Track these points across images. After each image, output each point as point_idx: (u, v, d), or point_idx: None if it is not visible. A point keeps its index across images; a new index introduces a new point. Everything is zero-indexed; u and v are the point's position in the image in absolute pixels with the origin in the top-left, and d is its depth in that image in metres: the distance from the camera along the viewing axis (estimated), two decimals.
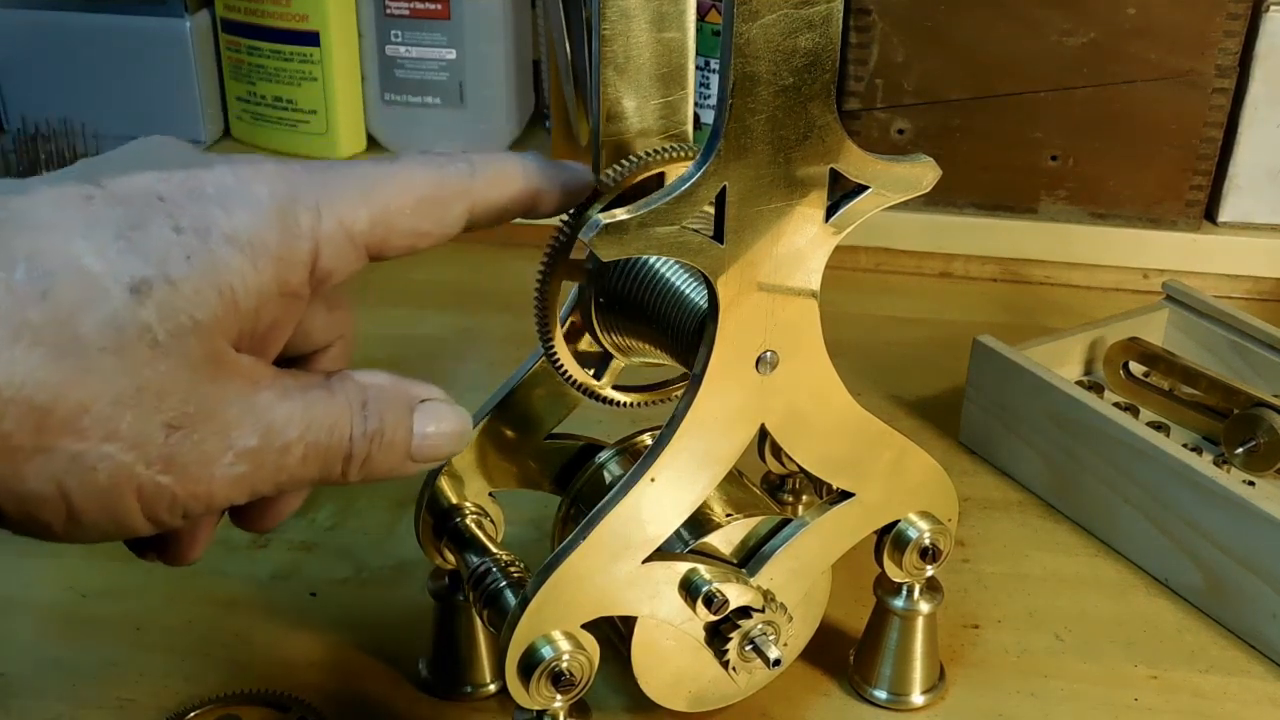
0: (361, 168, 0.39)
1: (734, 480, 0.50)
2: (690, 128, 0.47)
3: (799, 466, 0.47)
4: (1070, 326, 0.74)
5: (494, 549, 0.49)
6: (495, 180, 0.42)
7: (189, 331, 0.35)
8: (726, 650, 0.46)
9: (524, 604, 0.43)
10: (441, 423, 0.40)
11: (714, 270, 0.41)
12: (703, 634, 0.47)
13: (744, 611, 0.46)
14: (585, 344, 0.49)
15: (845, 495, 0.48)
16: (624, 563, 0.44)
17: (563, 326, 0.48)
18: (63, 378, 0.33)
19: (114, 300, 0.33)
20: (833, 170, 0.41)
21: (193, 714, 0.50)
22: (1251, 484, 0.64)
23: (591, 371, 0.49)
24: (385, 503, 0.64)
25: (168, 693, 0.52)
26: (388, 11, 0.93)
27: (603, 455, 0.52)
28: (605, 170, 0.45)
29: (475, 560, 0.49)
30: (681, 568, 0.46)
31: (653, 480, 0.43)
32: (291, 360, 0.41)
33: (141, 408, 0.34)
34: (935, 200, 0.89)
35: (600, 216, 0.38)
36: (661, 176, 0.45)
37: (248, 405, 0.36)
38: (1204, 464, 0.58)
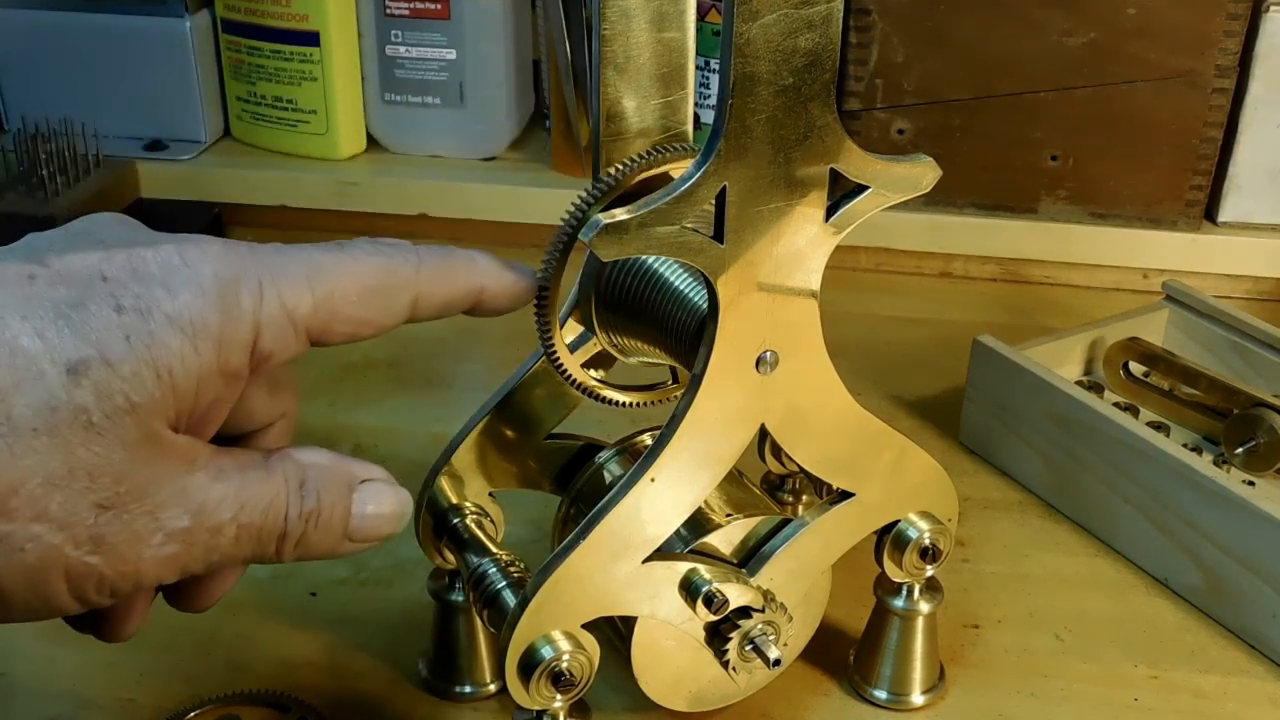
0: (309, 252, 0.39)
1: (734, 480, 0.50)
2: (690, 128, 0.47)
3: (799, 466, 0.47)
4: (1070, 326, 0.74)
5: (494, 549, 0.49)
6: (441, 275, 0.42)
7: (125, 413, 0.35)
8: (726, 650, 0.46)
9: (524, 604, 0.43)
10: (381, 504, 0.41)
11: (714, 270, 0.41)
12: (703, 634, 0.47)
13: (744, 611, 0.46)
14: (578, 340, 0.49)
15: (845, 495, 0.48)
16: (624, 563, 0.44)
17: (563, 326, 0.48)
18: None
19: (50, 381, 0.34)
20: (833, 170, 0.41)
21: (193, 714, 0.50)
22: (1251, 484, 0.65)
23: (591, 371, 0.49)
24: None
25: (168, 693, 0.52)
26: (388, 11, 0.93)
27: (603, 455, 0.52)
28: (605, 170, 0.45)
29: (475, 560, 0.49)
30: (681, 568, 0.46)
31: (653, 480, 0.43)
32: (235, 438, 0.41)
33: (72, 488, 0.34)
34: (935, 200, 0.89)
35: (600, 216, 0.38)
36: (662, 176, 0.45)
37: (180, 486, 0.36)
38: (1204, 464, 0.58)
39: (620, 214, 0.39)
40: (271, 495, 0.38)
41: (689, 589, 0.46)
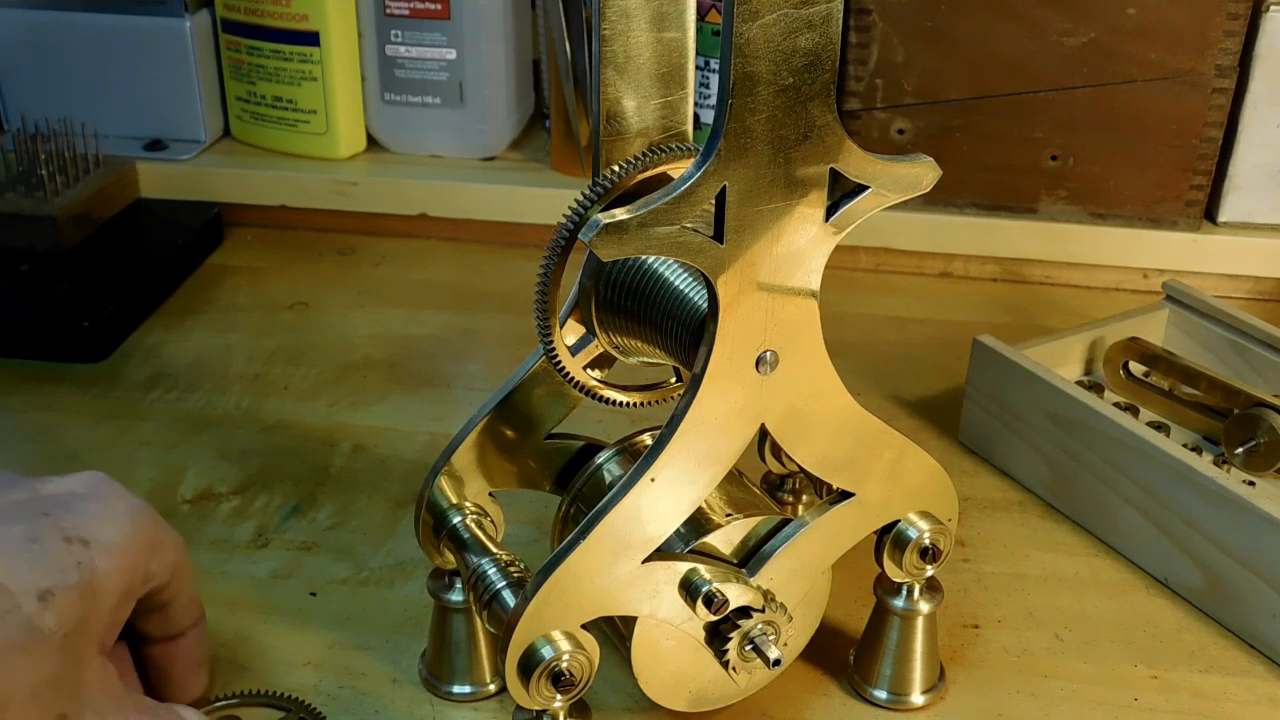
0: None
1: (734, 480, 0.50)
2: (690, 128, 0.47)
3: (799, 466, 0.47)
4: (1070, 326, 0.74)
5: (494, 549, 0.49)
6: None
7: (78, 632, 0.41)
8: (726, 650, 0.46)
9: (524, 604, 0.43)
10: None
11: (714, 270, 0.41)
12: (703, 634, 0.47)
13: (744, 611, 0.46)
14: (579, 341, 0.49)
15: (845, 495, 0.48)
16: (624, 563, 0.44)
17: (562, 326, 0.48)
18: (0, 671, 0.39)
19: (26, 609, 0.40)
20: (833, 170, 0.41)
21: None
22: (1251, 484, 0.65)
23: (592, 371, 0.49)
24: (385, 503, 0.64)
25: None
26: (388, 11, 0.93)
27: (603, 455, 0.52)
28: (605, 170, 0.45)
29: (475, 560, 0.49)
30: (681, 568, 0.46)
31: (653, 480, 0.43)
32: (159, 640, 0.49)
33: (42, 700, 0.40)
34: (935, 200, 0.89)
35: (600, 216, 0.38)
36: (661, 176, 0.45)
37: (100, 712, 0.42)
38: (1204, 464, 0.58)
39: (620, 214, 0.39)
40: None
41: (689, 589, 0.46)
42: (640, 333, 0.47)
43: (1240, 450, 0.66)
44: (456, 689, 0.52)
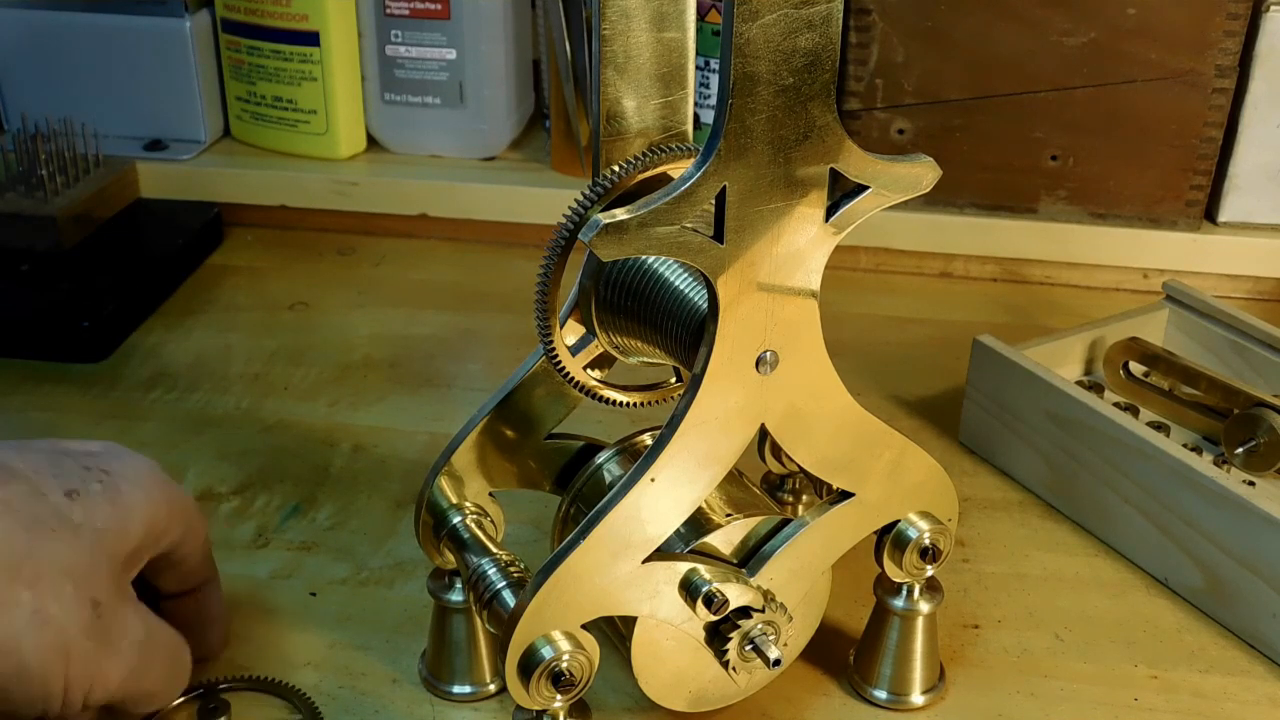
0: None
1: (734, 480, 0.50)
2: (690, 128, 0.47)
3: (799, 466, 0.47)
4: (1070, 326, 0.74)
5: (494, 549, 0.49)
6: None
7: (103, 534, 0.44)
8: (726, 650, 0.46)
9: (524, 604, 0.43)
10: None
11: (714, 270, 0.41)
12: (703, 634, 0.47)
13: (744, 611, 0.46)
14: (579, 341, 0.49)
15: (845, 495, 0.48)
16: (624, 563, 0.44)
17: (562, 326, 0.48)
18: (28, 542, 0.41)
19: (54, 498, 0.43)
20: (833, 170, 0.41)
21: (180, 700, 0.50)
22: (1251, 484, 0.64)
23: (592, 371, 0.49)
24: (385, 503, 0.64)
25: None
26: (388, 11, 0.93)
27: (603, 455, 0.52)
28: (605, 170, 0.45)
29: (475, 560, 0.49)
30: (681, 568, 0.46)
31: (653, 480, 0.43)
32: (174, 595, 0.51)
33: (75, 581, 0.42)
34: (935, 200, 0.89)
35: (600, 216, 0.38)
36: (661, 176, 0.45)
37: (136, 614, 0.45)
38: (1204, 464, 0.58)
39: (620, 214, 0.39)
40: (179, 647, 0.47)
41: (689, 589, 0.46)
42: (640, 333, 0.47)
43: (1240, 450, 0.66)
44: (456, 689, 0.52)
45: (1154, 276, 0.88)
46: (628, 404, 0.50)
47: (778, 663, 0.46)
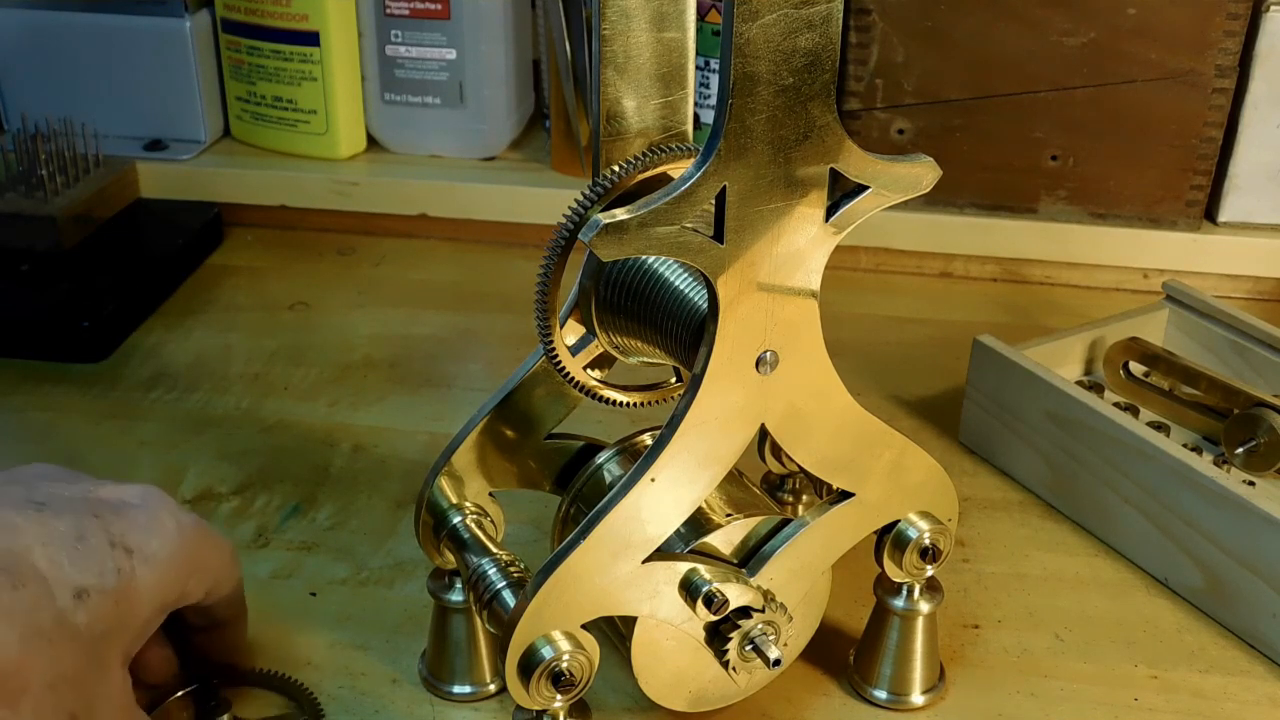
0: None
1: (734, 480, 0.50)
2: (690, 128, 0.47)
3: (799, 466, 0.47)
4: (1070, 326, 0.74)
5: (494, 549, 0.49)
6: None
7: (106, 636, 0.42)
8: (726, 650, 0.46)
9: (524, 604, 0.43)
10: None
11: (714, 270, 0.41)
12: (703, 634, 0.47)
13: (744, 611, 0.46)
14: (579, 341, 0.49)
15: (845, 495, 0.48)
16: (624, 563, 0.44)
17: (562, 327, 0.48)
18: (20, 655, 0.39)
19: (60, 602, 0.40)
20: (833, 170, 0.41)
21: (180, 694, 0.51)
22: (1251, 484, 0.64)
23: (592, 371, 0.49)
24: (385, 503, 0.64)
25: None
26: (388, 11, 0.93)
27: (603, 455, 0.52)
28: (605, 170, 0.45)
29: (475, 560, 0.49)
30: (681, 568, 0.46)
31: (653, 480, 0.43)
32: (196, 628, 0.50)
33: (58, 694, 0.40)
34: (935, 200, 0.89)
35: (600, 216, 0.38)
36: (661, 176, 0.45)
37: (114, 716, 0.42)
38: (1204, 464, 0.58)
39: (620, 214, 0.39)
40: None
41: (689, 589, 0.46)
42: (640, 333, 0.47)
43: (1240, 450, 0.66)
44: (456, 689, 0.52)
45: (1154, 276, 0.88)
46: (628, 404, 0.50)
47: (778, 663, 0.46)
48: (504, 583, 0.47)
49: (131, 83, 0.96)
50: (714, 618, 0.46)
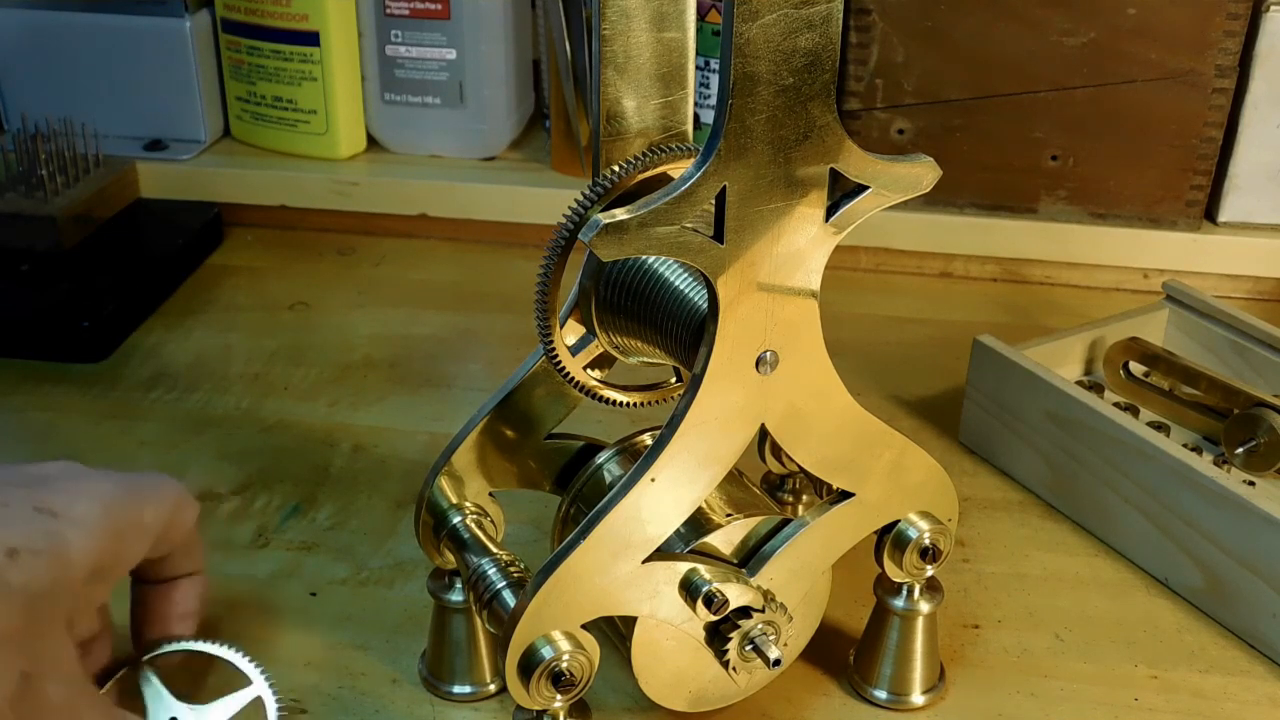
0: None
1: (734, 480, 0.50)
2: (690, 128, 0.47)
3: (799, 466, 0.47)
4: (1070, 326, 0.74)
5: (494, 549, 0.49)
6: None
7: (44, 597, 0.41)
8: (726, 650, 0.46)
9: (524, 604, 0.43)
10: None
11: (714, 270, 0.41)
12: (703, 634, 0.47)
13: (744, 611, 0.46)
14: (579, 341, 0.49)
15: (845, 495, 0.48)
16: (624, 563, 0.44)
17: (562, 327, 0.48)
18: None
19: None
20: (833, 170, 0.41)
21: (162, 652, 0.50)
22: (1251, 484, 0.64)
23: (592, 371, 0.49)
24: (385, 503, 0.64)
25: None
26: (388, 11, 0.93)
27: (603, 455, 0.52)
28: (605, 170, 0.45)
29: (475, 560, 0.49)
30: (681, 568, 0.46)
31: (653, 480, 0.43)
32: (152, 582, 0.50)
33: (5, 652, 0.39)
34: (935, 200, 0.89)
35: (600, 216, 0.38)
36: (661, 176, 0.45)
37: (68, 689, 0.42)
38: (1204, 464, 0.58)
39: (620, 214, 0.39)
40: None
41: (689, 589, 0.46)
42: (640, 333, 0.47)
43: (1240, 450, 0.66)
44: (456, 689, 0.52)
45: (1154, 276, 0.88)
46: (628, 404, 0.50)
47: (778, 663, 0.46)
48: (504, 583, 0.47)
49: (131, 83, 0.96)
50: (714, 618, 0.46)
